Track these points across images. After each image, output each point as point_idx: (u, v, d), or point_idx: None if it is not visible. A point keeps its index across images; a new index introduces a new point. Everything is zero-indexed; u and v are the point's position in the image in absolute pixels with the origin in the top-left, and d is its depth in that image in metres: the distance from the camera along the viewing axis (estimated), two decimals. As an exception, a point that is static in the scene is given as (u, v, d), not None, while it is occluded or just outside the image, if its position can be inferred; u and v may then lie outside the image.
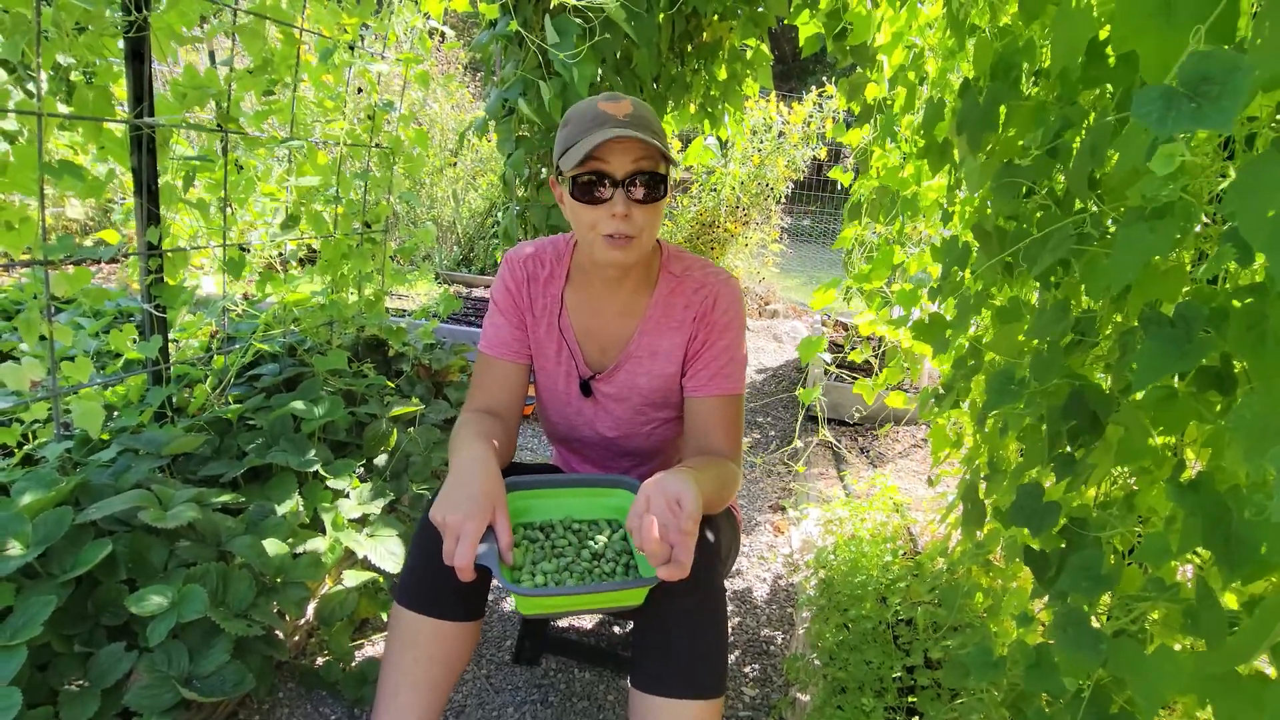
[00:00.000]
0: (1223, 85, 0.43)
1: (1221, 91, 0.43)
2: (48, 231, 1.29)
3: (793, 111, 4.79)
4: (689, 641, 0.98)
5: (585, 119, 1.02)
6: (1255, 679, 0.51)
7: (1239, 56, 0.43)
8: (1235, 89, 0.42)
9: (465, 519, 0.89)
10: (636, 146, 1.01)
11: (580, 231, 1.07)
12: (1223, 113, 0.42)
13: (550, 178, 1.10)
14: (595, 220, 1.03)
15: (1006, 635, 1.23)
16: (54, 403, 1.40)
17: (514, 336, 1.21)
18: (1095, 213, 0.72)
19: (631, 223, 1.03)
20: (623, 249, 1.04)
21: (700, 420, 1.16)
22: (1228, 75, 0.43)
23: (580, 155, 0.98)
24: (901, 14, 1.58)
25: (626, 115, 1.01)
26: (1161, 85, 0.45)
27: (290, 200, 1.88)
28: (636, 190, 1.02)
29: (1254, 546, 0.51)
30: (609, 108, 1.02)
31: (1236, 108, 0.42)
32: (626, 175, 1.01)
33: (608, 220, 1.02)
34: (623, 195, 1.01)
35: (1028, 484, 0.75)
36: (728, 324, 1.15)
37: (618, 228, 1.02)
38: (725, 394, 1.15)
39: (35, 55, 1.18)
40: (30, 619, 1.01)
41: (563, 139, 1.04)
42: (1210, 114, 0.43)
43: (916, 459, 2.76)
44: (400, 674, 1.04)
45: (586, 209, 1.03)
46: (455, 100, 5.25)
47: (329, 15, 1.76)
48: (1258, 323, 0.49)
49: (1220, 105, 0.43)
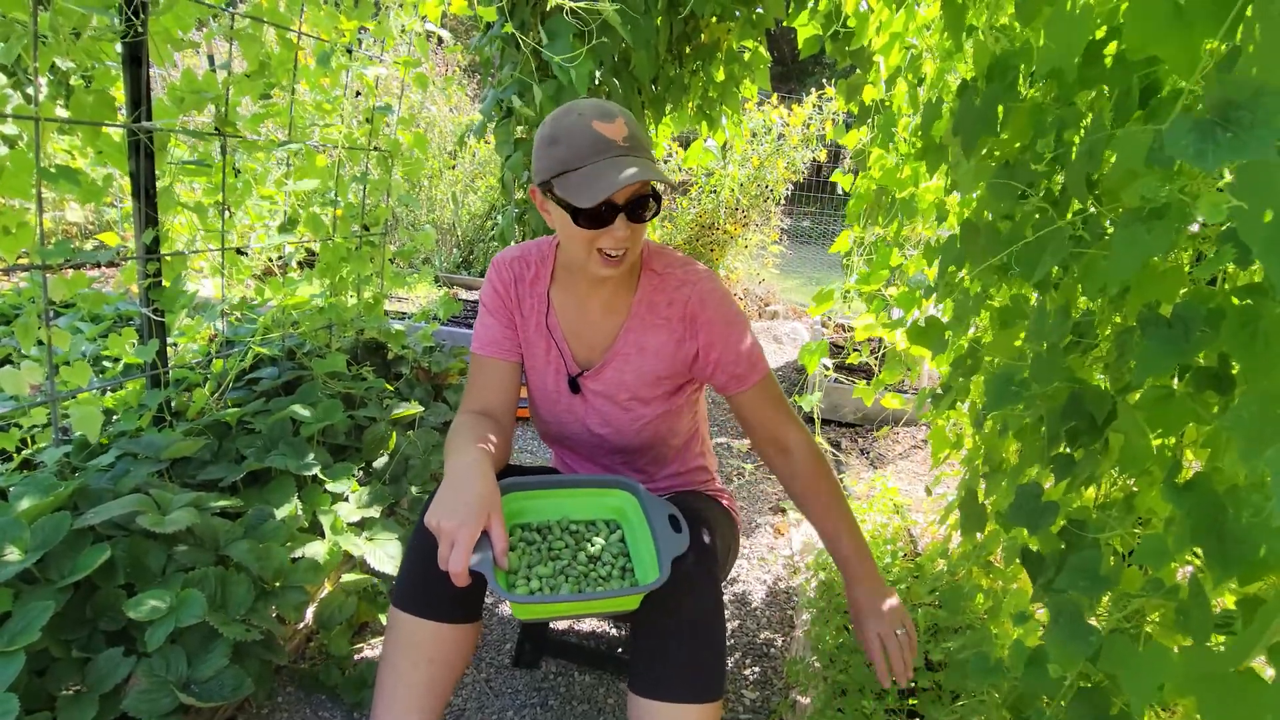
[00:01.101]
0: (1253, 111, 0.43)
1: (1254, 119, 0.43)
2: (47, 236, 1.29)
3: (792, 113, 4.79)
4: (686, 645, 0.98)
5: (584, 144, 0.99)
6: (1247, 678, 0.51)
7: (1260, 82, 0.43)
8: (1267, 115, 0.42)
9: (460, 525, 0.89)
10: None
11: (574, 246, 1.06)
12: (1261, 141, 0.43)
13: (532, 187, 1.08)
14: (594, 239, 1.03)
15: (1006, 637, 1.23)
16: (52, 407, 1.40)
17: (504, 335, 1.22)
18: (1093, 214, 0.72)
19: (629, 240, 1.04)
20: (617, 266, 1.06)
21: (753, 412, 1.19)
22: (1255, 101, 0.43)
23: (594, 198, 0.97)
24: (899, 16, 1.58)
25: (625, 139, 1.00)
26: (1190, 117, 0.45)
27: (288, 204, 1.88)
28: (637, 213, 1.03)
29: (1249, 546, 0.50)
30: (606, 130, 0.99)
31: (1274, 134, 0.42)
32: (628, 201, 1.01)
33: (608, 239, 1.03)
34: (624, 220, 1.02)
35: (1027, 484, 0.75)
36: (728, 320, 1.16)
37: (618, 245, 1.03)
38: (762, 379, 1.18)
39: (32, 60, 1.18)
40: (28, 624, 1.00)
41: (558, 161, 1.01)
42: (1250, 142, 0.43)
43: (917, 460, 2.75)
44: (398, 677, 1.03)
45: (587, 231, 1.03)
46: (454, 103, 5.25)
47: (326, 19, 1.76)
48: (1251, 321, 0.49)
49: (1256, 134, 0.43)
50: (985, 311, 1.13)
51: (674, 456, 1.32)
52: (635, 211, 1.02)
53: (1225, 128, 0.44)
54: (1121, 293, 0.71)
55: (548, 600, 0.93)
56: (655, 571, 0.95)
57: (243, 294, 2.04)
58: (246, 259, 2.01)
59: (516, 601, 0.89)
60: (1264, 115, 0.42)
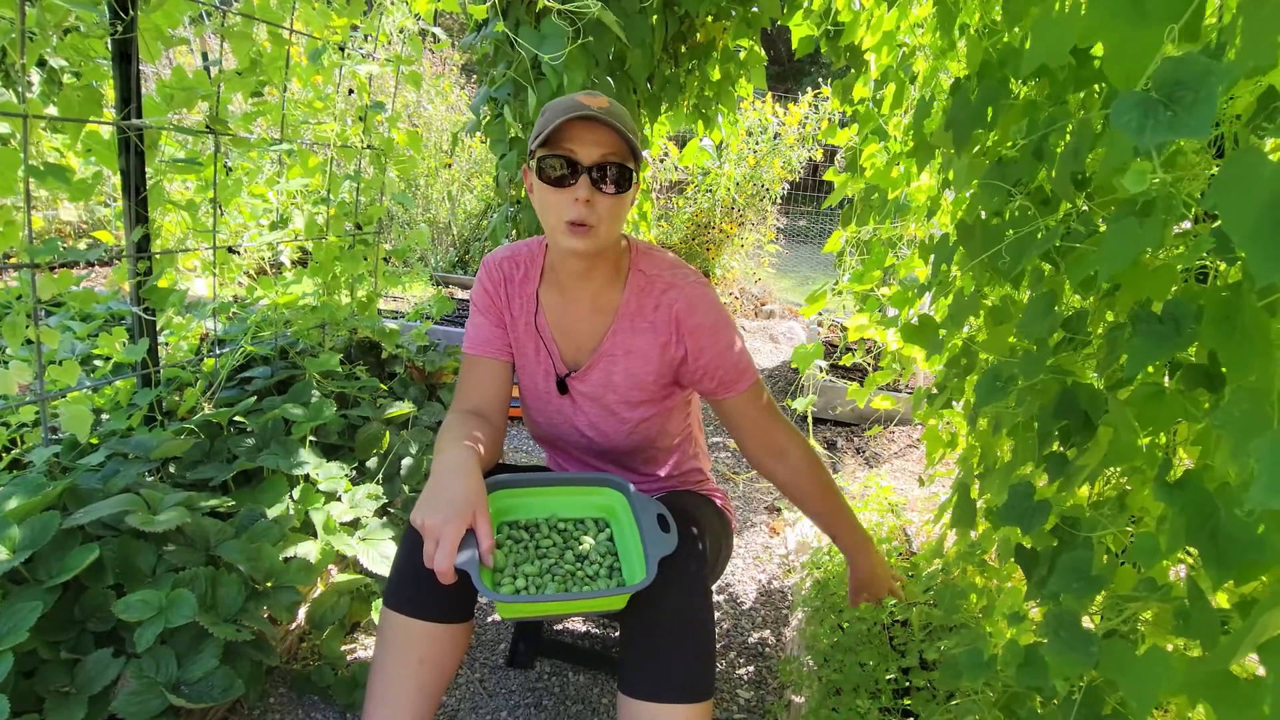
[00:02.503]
0: (1196, 91, 0.42)
1: (1195, 98, 0.42)
2: (38, 235, 1.28)
3: (788, 113, 4.79)
4: (676, 646, 0.98)
5: (560, 107, 1.03)
6: (1249, 681, 0.51)
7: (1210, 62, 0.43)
8: (1209, 95, 0.42)
9: (444, 523, 0.89)
10: (606, 137, 1.02)
11: (544, 218, 1.08)
12: (1198, 119, 0.42)
13: (524, 167, 1.11)
14: (559, 204, 1.04)
15: (1001, 636, 1.23)
16: (41, 406, 1.39)
17: (495, 334, 1.21)
18: (1083, 210, 0.72)
19: (593, 211, 1.03)
20: (582, 238, 1.04)
21: (742, 418, 1.19)
22: (1200, 80, 0.42)
23: (549, 132, 1.00)
24: (891, 14, 1.58)
25: (601, 108, 1.02)
26: (1138, 93, 0.45)
27: (279, 202, 1.87)
28: (601, 179, 1.03)
29: (1243, 544, 0.50)
30: (586, 100, 1.03)
31: (1211, 114, 0.42)
32: (593, 163, 1.02)
33: (570, 205, 1.03)
34: (587, 181, 1.02)
35: (1019, 483, 0.75)
36: (715, 325, 1.15)
37: (579, 213, 1.03)
38: (751, 385, 1.18)
39: (19, 56, 1.17)
40: (16, 625, 1.00)
41: (538, 126, 1.05)
42: (1186, 122, 0.43)
43: (912, 459, 2.76)
44: (390, 677, 1.03)
45: (551, 192, 1.04)
46: (450, 102, 5.24)
47: (318, 16, 1.75)
48: (1232, 313, 0.49)
49: (1195, 112, 0.42)
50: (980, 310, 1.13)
51: (666, 458, 1.31)
52: (600, 177, 1.02)
53: (1168, 106, 0.44)
54: (1112, 289, 0.71)
55: (532, 600, 0.93)
56: (643, 571, 0.95)
57: (235, 292, 2.03)
58: (238, 257, 2.00)
59: (500, 601, 0.89)
60: (1206, 95, 0.42)
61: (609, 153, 1.02)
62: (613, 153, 1.03)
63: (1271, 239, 0.41)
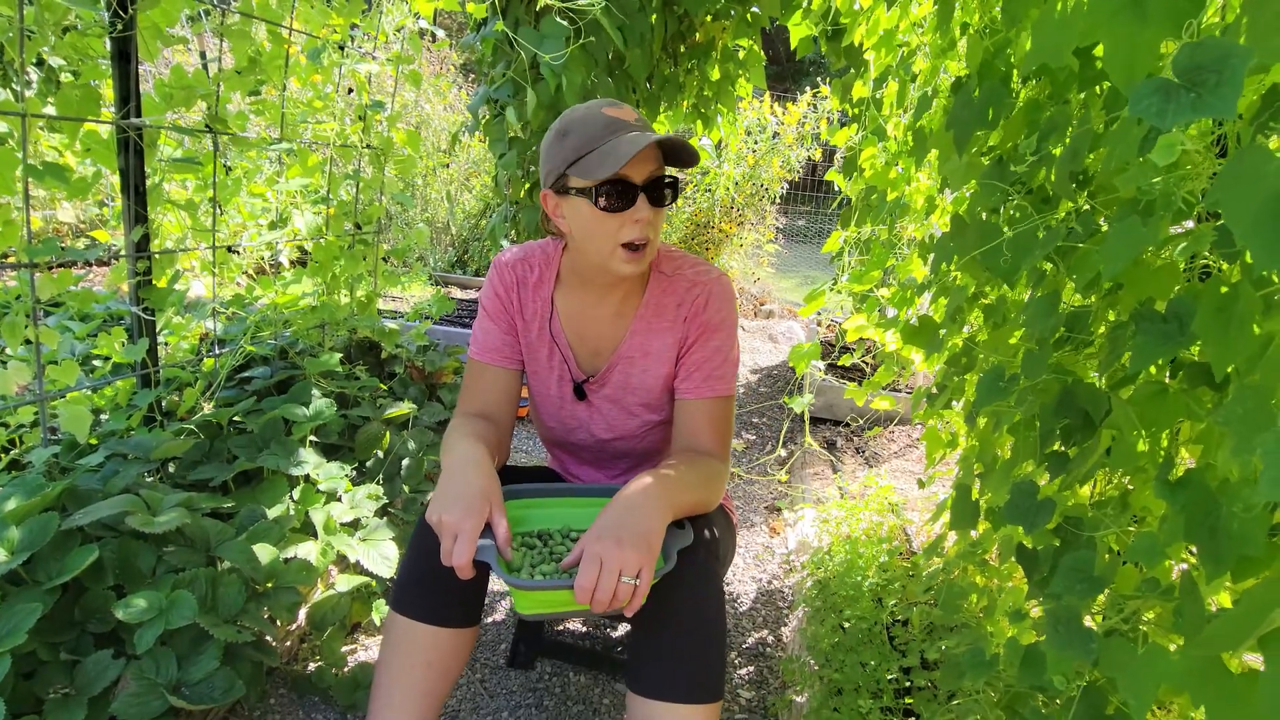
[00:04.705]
0: (1219, 73, 0.42)
1: (1219, 80, 0.42)
2: (36, 235, 1.28)
3: (787, 112, 4.79)
4: (688, 645, 0.97)
5: (597, 127, 0.98)
6: (1244, 676, 0.51)
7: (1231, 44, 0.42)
8: (1234, 75, 0.42)
9: (463, 517, 0.88)
10: (652, 152, 1.00)
11: (593, 243, 1.03)
12: (1224, 100, 0.42)
13: (543, 192, 1.06)
14: (616, 229, 1.01)
15: (1002, 635, 1.23)
16: (40, 407, 1.38)
17: (504, 342, 1.19)
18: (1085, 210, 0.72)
19: (651, 228, 1.02)
20: (640, 259, 1.03)
21: (689, 421, 1.14)
22: (1223, 62, 0.42)
23: (614, 164, 0.95)
24: (892, 13, 1.58)
25: (637, 120, 1.00)
26: (1155, 79, 0.45)
27: (279, 202, 1.87)
28: (656, 195, 1.01)
29: (1241, 542, 0.50)
30: (617, 114, 0.99)
31: (1238, 93, 0.42)
32: (645, 181, 1.00)
33: (630, 227, 1.00)
34: (645, 201, 1.00)
35: (1022, 482, 0.75)
36: (719, 324, 1.14)
37: (642, 233, 1.01)
38: (717, 396, 1.13)
39: (18, 54, 1.17)
40: (15, 626, 0.99)
41: (571, 149, 0.99)
42: (1212, 102, 0.42)
43: (912, 459, 2.76)
44: (394, 681, 1.02)
45: (609, 218, 1.00)
46: (448, 101, 5.24)
47: (317, 15, 1.75)
48: (1226, 306, 0.49)
49: (1220, 93, 0.42)
50: (979, 310, 1.13)
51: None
52: (655, 193, 1.01)
53: (1190, 89, 0.43)
54: (1115, 288, 0.71)
55: (553, 585, 0.89)
56: (661, 564, 0.94)
57: (234, 292, 2.02)
58: (238, 257, 1.99)
59: (521, 588, 0.87)
60: (1230, 75, 0.42)
61: (656, 168, 1.01)
62: (659, 167, 1.01)
63: (1272, 229, 0.41)
